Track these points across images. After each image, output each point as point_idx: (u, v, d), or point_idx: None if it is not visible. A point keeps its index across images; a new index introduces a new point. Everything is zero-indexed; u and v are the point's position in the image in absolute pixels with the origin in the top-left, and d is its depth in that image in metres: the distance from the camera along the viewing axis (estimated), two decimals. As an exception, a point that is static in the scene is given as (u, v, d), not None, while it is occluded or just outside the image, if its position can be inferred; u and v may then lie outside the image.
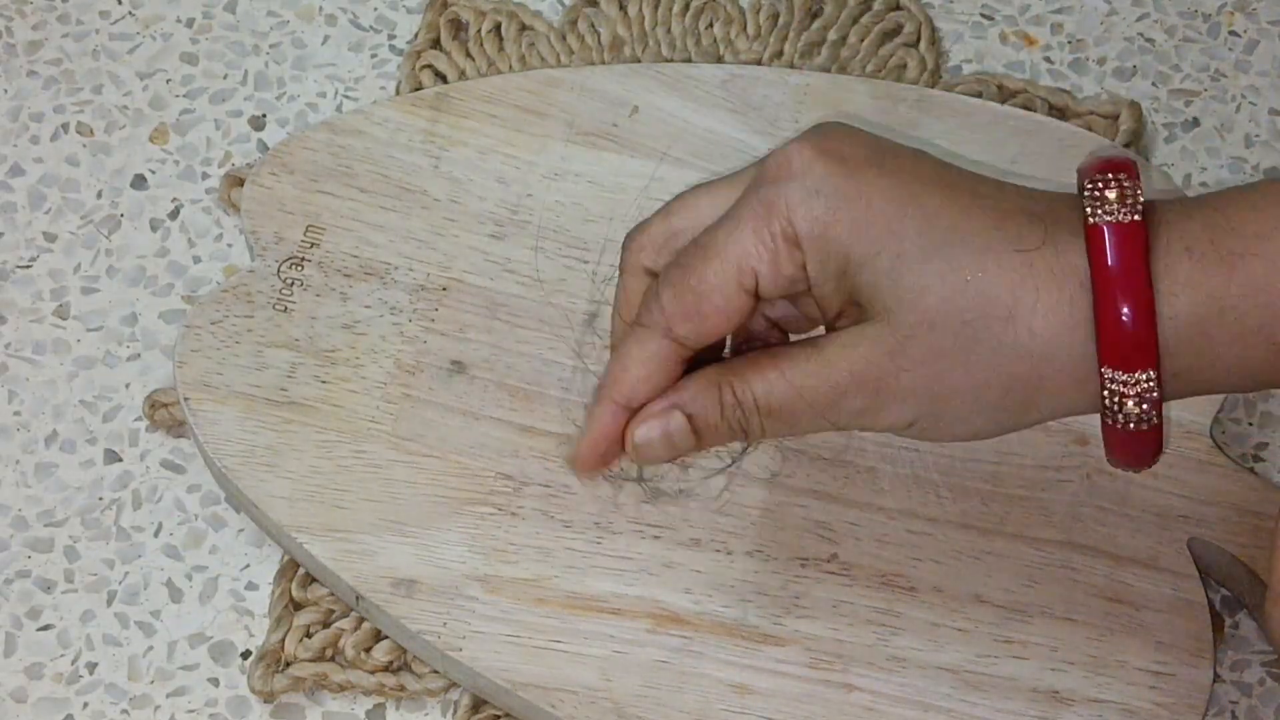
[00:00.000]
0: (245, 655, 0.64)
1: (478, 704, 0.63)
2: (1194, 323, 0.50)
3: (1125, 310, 0.49)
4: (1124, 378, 0.50)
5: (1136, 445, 0.52)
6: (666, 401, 0.54)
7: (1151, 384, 0.50)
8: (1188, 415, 0.66)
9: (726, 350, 0.56)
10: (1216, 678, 0.63)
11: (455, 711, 0.63)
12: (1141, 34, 0.78)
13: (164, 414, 0.68)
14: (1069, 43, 0.78)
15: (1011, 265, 0.50)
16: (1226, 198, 0.51)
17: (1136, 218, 0.50)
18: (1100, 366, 0.50)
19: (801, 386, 0.52)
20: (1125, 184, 0.50)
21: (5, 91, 0.75)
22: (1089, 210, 0.50)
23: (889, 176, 0.52)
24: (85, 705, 0.63)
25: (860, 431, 0.54)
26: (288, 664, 0.63)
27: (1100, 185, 0.50)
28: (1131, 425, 0.51)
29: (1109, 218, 0.50)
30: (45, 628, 0.65)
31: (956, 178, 0.52)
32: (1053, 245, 0.50)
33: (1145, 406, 0.50)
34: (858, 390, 0.52)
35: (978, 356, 0.51)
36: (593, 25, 0.76)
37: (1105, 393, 0.50)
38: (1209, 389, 0.52)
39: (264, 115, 0.75)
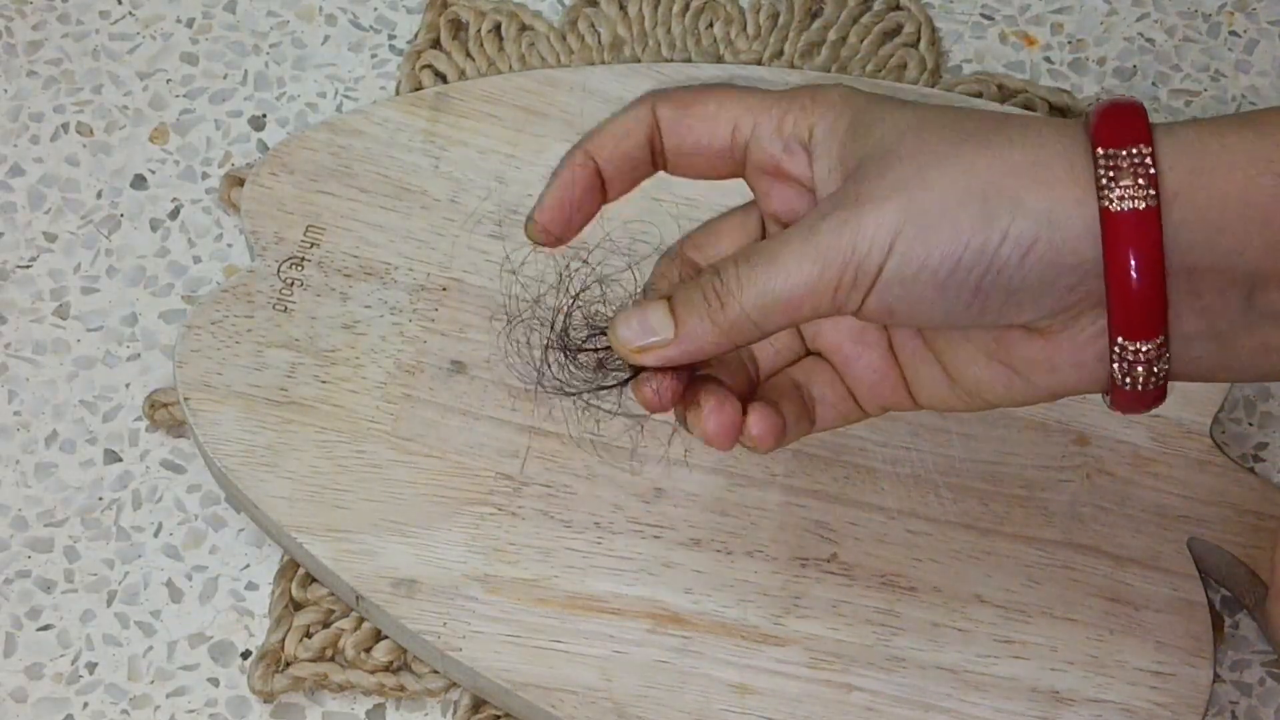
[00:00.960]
0: (245, 655, 0.64)
1: (478, 704, 0.63)
2: (1196, 133, 0.48)
3: (1119, 112, 0.49)
4: (1117, 152, 0.48)
5: (1138, 238, 0.48)
6: (650, 296, 0.53)
7: (1146, 156, 0.48)
8: (1188, 415, 0.66)
9: None
10: (1216, 678, 0.63)
11: (455, 711, 0.63)
12: (1141, 34, 0.78)
13: (164, 414, 0.68)
14: (1069, 43, 0.78)
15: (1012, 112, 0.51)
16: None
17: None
18: (1093, 150, 0.48)
19: (783, 231, 0.50)
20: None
21: (5, 91, 0.75)
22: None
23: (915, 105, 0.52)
24: (85, 705, 0.63)
25: (853, 277, 0.49)
26: (288, 664, 0.63)
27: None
28: (1128, 200, 0.47)
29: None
30: (45, 628, 0.65)
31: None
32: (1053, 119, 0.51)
33: (1142, 180, 0.48)
34: (838, 203, 0.49)
35: (969, 145, 0.49)
36: (593, 25, 0.76)
37: (1099, 171, 0.48)
38: (1210, 227, 0.48)
39: (264, 115, 0.75)
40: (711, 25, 0.77)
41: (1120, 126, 0.48)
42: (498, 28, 0.76)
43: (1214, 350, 0.49)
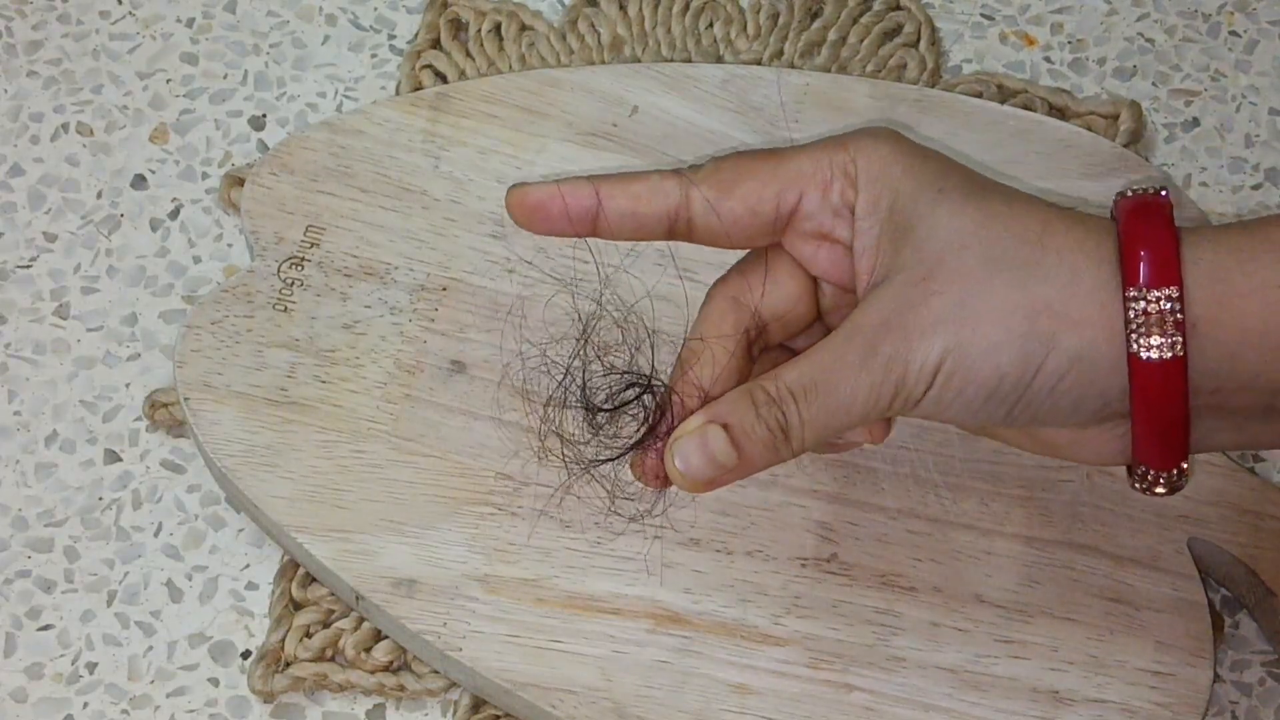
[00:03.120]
0: (245, 655, 0.64)
1: (478, 704, 0.63)
2: (1217, 256, 0.50)
3: (1149, 241, 0.50)
4: (1146, 295, 0.49)
5: (1164, 387, 0.50)
6: (700, 418, 0.52)
7: (1175, 301, 0.49)
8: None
9: None
10: (1216, 678, 0.63)
11: (455, 711, 0.63)
12: (1141, 34, 0.78)
13: (164, 414, 0.68)
14: (1069, 43, 0.78)
15: (1045, 207, 0.52)
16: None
17: (1164, 193, 0.52)
18: (1124, 290, 0.50)
19: (831, 355, 0.52)
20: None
21: (5, 91, 0.75)
22: (1117, 195, 0.52)
23: (938, 156, 0.54)
24: (85, 705, 0.63)
25: (900, 404, 0.52)
26: (288, 664, 0.63)
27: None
28: (1155, 351, 0.49)
29: (1139, 188, 0.52)
30: (45, 628, 0.65)
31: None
32: (1085, 218, 0.52)
33: (1170, 330, 0.49)
34: (886, 334, 0.51)
35: (1007, 279, 0.50)
36: (593, 25, 0.76)
37: (1129, 314, 0.50)
38: (1233, 358, 0.50)
39: (264, 115, 0.75)
40: (711, 25, 0.77)
41: (1152, 260, 0.50)
42: (498, 28, 0.76)
43: (1232, 439, 0.52)
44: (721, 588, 0.63)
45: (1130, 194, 0.52)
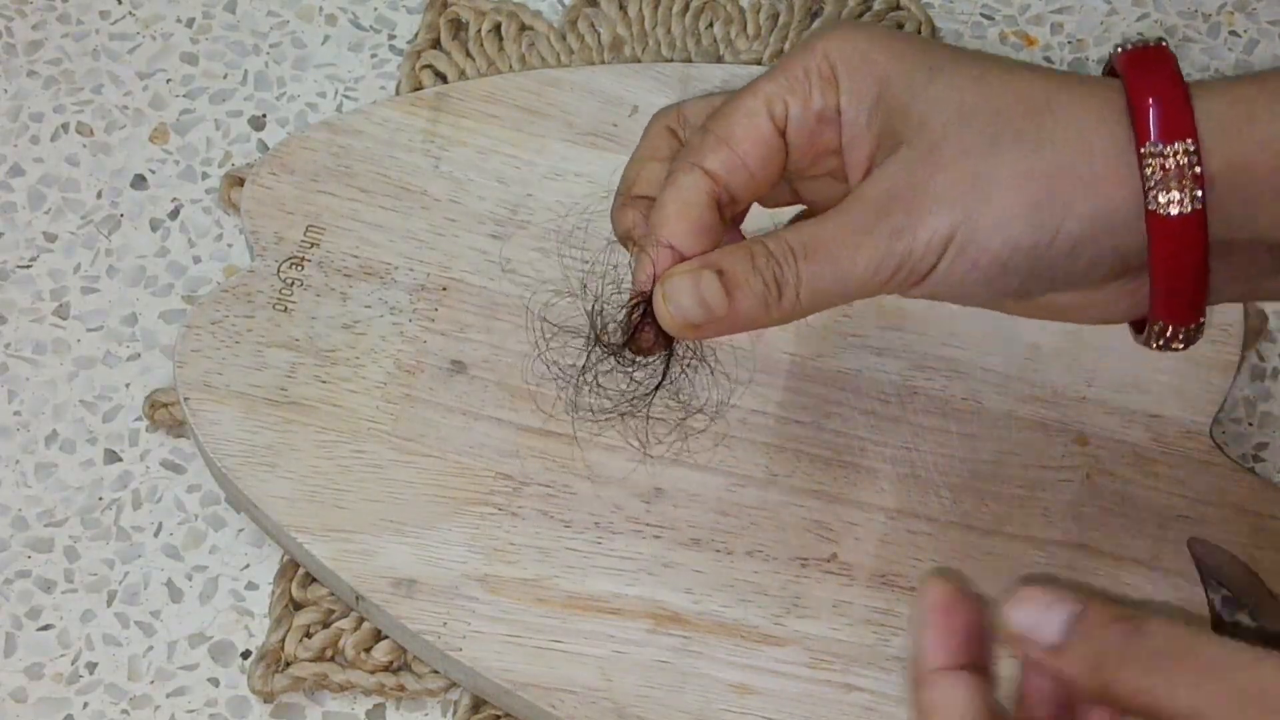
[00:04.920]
0: (245, 655, 0.64)
1: (478, 704, 0.63)
2: (1229, 109, 0.49)
3: (1159, 88, 0.48)
4: (1162, 149, 0.48)
5: (1184, 240, 0.49)
6: (695, 261, 0.51)
7: (1192, 154, 0.48)
8: (1188, 415, 0.66)
9: None
10: (1216, 678, 0.63)
11: (455, 711, 0.63)
12: (1141, 34, 0.78)
13: (164, 414, 0.68)
14: (1069, 43, 0.78)
15: (1045, 73, 0.50)
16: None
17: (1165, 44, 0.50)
18: (1138, 146, 0.48)
19: (836, 222, 0.50)
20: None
21: (5, 91, 0.75)
22: (1118, 48, 0.51)
23: (920, 39, 0.52)
24: (85, 705, 0.63)
25: (904, 277, 0.50)
26: (288, 664, 0.63)
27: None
28: (1177, 205, 0.48)
29: (1140, 44, 0.50)
30: (45, 628, 0.65)
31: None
32: (1087, 80, 0.50)
33: (1188, 183, 0.48)
34: (892, 205, 0.49)
35: (1016, 147, 0.49)
36: (593, 25, 0.76)
37: (1145, 170, 0.48)
38: (1248, 211, 0.49)
39: (264, 115, 0.75)
40: (711, 25, 0.77)
41: (1164, 111, 0.48)
42: (498, 28, 0.76)
43: (1240, 291, 0.52)
44: (721, 588, 0.63)
45: (1130, 47, 0.50)
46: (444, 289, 0.68)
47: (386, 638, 0.63)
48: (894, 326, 0.68)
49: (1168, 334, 0.51)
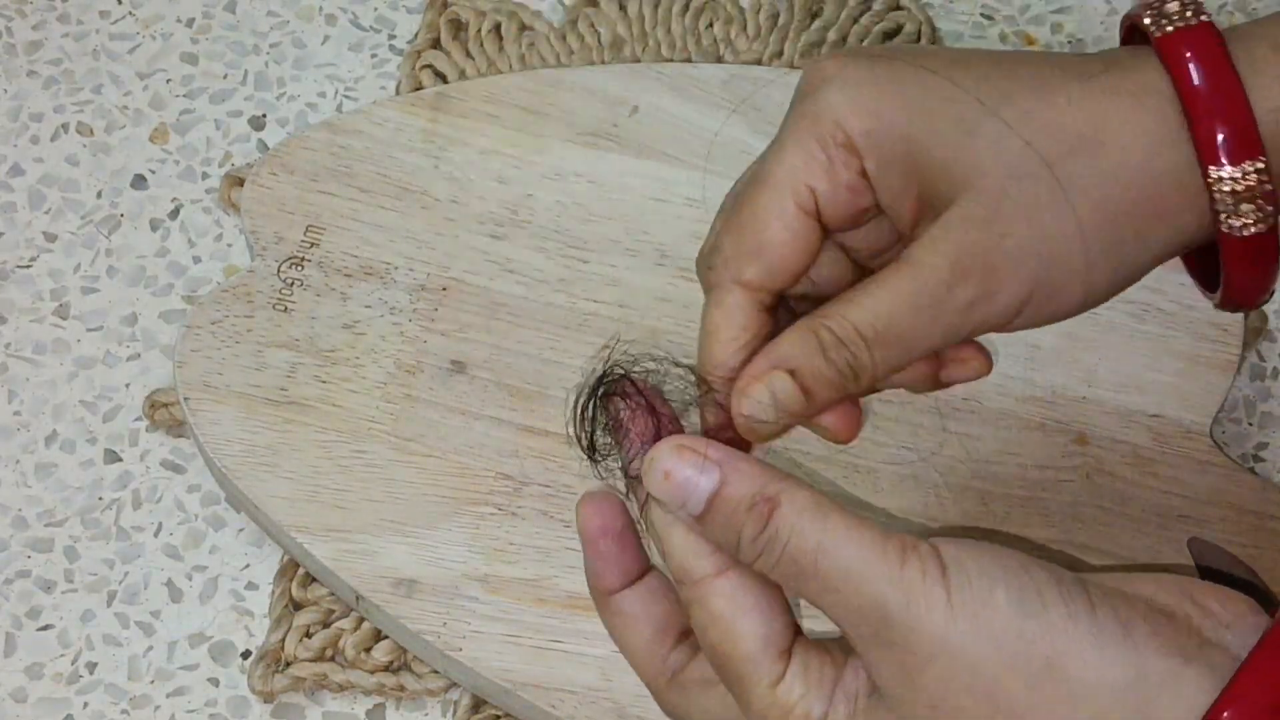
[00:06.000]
0: (245, 655, 0.64)
1: (478, 704, 0.63)
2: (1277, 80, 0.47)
3: (1219, 104, 0.46)
4: (1232, 173, 0.46)
5: (1258, 254, 0.47)
6: (763, 362, 0.48)
7: (1262, 172, 0.46)
8: (1188, 415, 0.66)
9: None
10: (1216, 678, 0.63)
11: (455, 711, 0.63)
12: None
13: (164, 414, 0.68)
14: (1069, 43, 0.78)
15: (1083, 95, 0.47)
16: None
17: (1204, 18, 0.47)
18: (1205, 170, 0.46)
19: (902, 298, 0.47)
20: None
21: (5, 91, 0.75)
22: (1152, 25, 0.47)
23: (927, 58, 0.48)
24: (85, 705, 0.63)
25: (981, 333, 0.48)
26: (288, 664, 0.63)
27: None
28: (1250, 226, 0.47)
29: (1179, 23, 0.47)
30: (45, 628, 0.65)
31: (991, 50, 0.50)
32: (1118, 68, 0.47)
33: (1260, 201, 0.46)
34: (963, 279, 0.47)
35: (1078, 193, 0.46)
36: (593, 25, 0.76)
37: (1215, 195, 0.46)
38: None
39: (264, 115, 0.75)
40: (711, 25, 0.77)
41: (1231, 132, 0.46)
42: (498, 28, 0.76)
43: None
44: (721, 588, 0.63)
45: (1168, 26, 0.47)
46: (444, 289, 0.68)
47: (386, 638, 0.63)
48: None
49: (1240, 307, 0.50)
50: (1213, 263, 0.49)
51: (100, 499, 0.67)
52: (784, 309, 0.50)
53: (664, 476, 0.46)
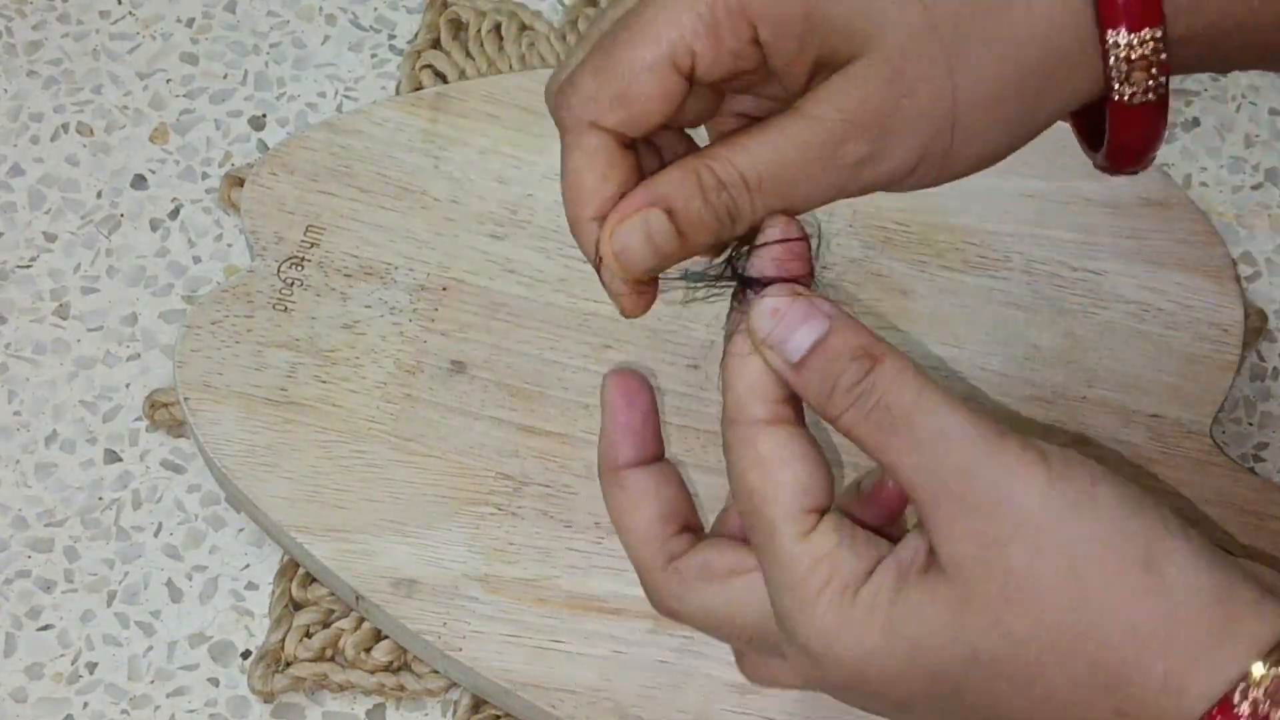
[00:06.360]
0: (245, 655, 0.64)
1: (478, 704, 0.63)
2: None
3: None
4: (1129, 38, 0.47)
5: (1144, 124, 0.48)
6: (640, 197, 0.46)
7: (1159, 41, 0.46)
8: (1188, 415, 0.66)
9: None
10: (1216, 678, 0.63)
11: (455, 711, 0.63)
12: None
13: (164, 414, 0.68)
14: (1069, 43, 0.78)
15: None
16: None
17: None
18: (1103, 34, 0.47)
19: (791, 147, 0.46)
20: None
21: (5, 91, 0.75)
22: None
23: None
24: (85, 705, 0.63)
25: (869, 191, 0.47)
26: (288, 664, 0.63)
27: None
28: (1140, 95, 0.47)
29: None
30: (45, 628, 0.65)
31: None
32: None
33: (1153, 70, 0.47)
34: (856, 134, 0.46)
35: (983, 54, 0.46)
36: (593, 25, 0.76)
37: (1110, 60, 0.47)
38: (1220, 51, 0.48)
39: (264, 115, 0.75)
40: (711, 25, 0.77)
41: (1130, 6, 0.47)
42: (498, 28, 0.76)
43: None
44: (721, 588, 0.63)
45: None
46: (444, 289, 0.68)
47: (386, 638, 0.63)
48: (893, 327, 0.68)
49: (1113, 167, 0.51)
50: (1100, 121, 0.50)
51: (100, 499, 0.67)
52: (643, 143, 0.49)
53: (772, 312, 0.45)
